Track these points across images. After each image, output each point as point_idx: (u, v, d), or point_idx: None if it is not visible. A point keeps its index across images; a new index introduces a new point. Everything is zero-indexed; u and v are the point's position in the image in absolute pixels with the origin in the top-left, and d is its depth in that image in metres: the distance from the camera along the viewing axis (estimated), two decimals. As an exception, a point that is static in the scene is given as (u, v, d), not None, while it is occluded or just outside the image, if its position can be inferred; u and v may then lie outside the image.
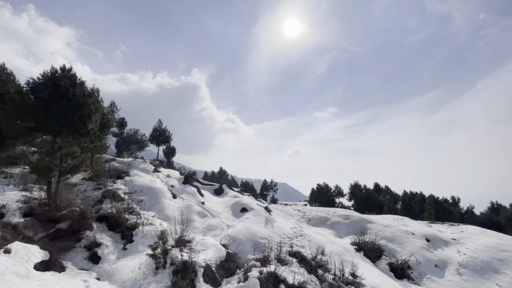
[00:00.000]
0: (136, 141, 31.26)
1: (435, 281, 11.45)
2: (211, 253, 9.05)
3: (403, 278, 11.43)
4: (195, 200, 15.22)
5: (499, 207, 37.34)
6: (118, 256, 8.61)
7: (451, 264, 12.67)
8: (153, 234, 9.69)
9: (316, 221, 17.19)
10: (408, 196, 40.75)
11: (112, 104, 19.93)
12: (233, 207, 15.62)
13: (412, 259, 12.49)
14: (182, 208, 13.27)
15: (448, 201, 37.75)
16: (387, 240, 14.02)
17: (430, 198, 37.00)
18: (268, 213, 15.43)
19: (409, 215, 32.03)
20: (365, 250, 12.71)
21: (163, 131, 31.58)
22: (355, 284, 9.27)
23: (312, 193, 45.90)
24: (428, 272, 12.02)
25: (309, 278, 8.85)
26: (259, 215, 14.44)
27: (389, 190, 45.30)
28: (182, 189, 16.61)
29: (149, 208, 12.26)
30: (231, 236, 11.23)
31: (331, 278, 9.34)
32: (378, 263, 12.05)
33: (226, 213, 14.84)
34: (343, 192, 44.83)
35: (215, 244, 9.72)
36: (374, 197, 42.37)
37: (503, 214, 35.32)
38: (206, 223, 12.73)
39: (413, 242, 14.18)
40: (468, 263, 12.47)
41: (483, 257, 12.81)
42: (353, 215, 17.57)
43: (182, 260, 7.97)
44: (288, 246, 11.42)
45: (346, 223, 16.54)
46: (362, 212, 30.59)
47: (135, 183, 14.47)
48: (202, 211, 13.86)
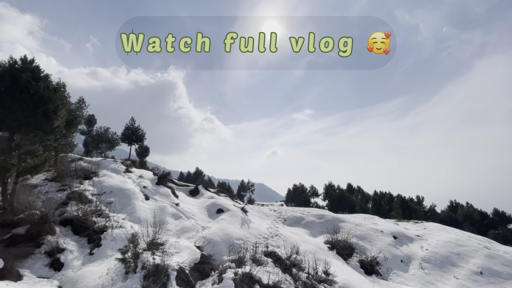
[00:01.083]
0: (106, 139, 29.68)
1: (400, 276, 12.16)
2: (185, 256, 8.83)
3: (372, 274, 11.99)
4: (169, 202, 14.78)
5: (457, 205, 40.59)
6: (83, 262, 8.10)
7: (415, 259, 13.54)
8: (124, 238, 9.25)
9: (291, 221, 17.48)
10: (378, 196, 42.91)
11: (81, 99, 18.73)
12: (209, 208, 15.39)
13: (381, 256, 13.16)
14: (155, 210, 12.82)
15: (413, 200, 40.33)
16: (358, 238, 14.64)
17: (398, 197, 39.28)
18: (244, 214, 15.40)
19: (379, 214, 33.75)
20: (337, 248, 13.15)
21: (136, 129, 30.28)
22: (327, 281, 9.55)
23: (288, 193, 46.68)
24: (395, 267, 12.73)
25: (284, 278, 8.96)
26: (235, 216, 14.37)
27: (361, 190, 47.41)
28: (156, 190, 16.04)
29: (119, 210, 11.69)
30: (206, 237, 11.05)
31: (305, 276, 9.53)
32: (350, 261, 12.53)
33: (202, 214, 14.58)
34: (318, 192, 46.11)
35: (189, 246, 9.50)
36: (347, 197, 44.08)
37: (460, 212, 38.47)
38: (181, 225, 12.40)
39: (382, 239, 14.94)
40: (429, 258, 13.40)
41: (443, 251, 13.85)
42: (327, 215, 18.12)
43: (154, 264, 7.69)
44: (263, 246, 11.48)
45: (320, 223, 17.00)
46: (335, 211, 31.68)
47: (105, 184, 13.72)
48: (177, 213, 13.49)
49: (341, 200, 43.46)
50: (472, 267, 12.59)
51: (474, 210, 37.86)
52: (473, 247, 14.20)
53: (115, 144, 30.58)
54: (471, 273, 12.15)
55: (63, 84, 13.40)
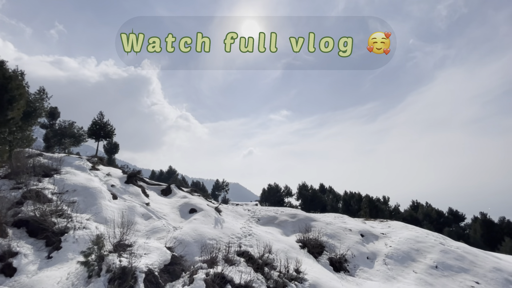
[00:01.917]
0: (71, 134, 27.65)
1: (366, 272, 12.81)
2: (155, 257, 8.52)
3: (340, 271, 12.50)
4: (139, 201, 14.17)
5: (418, 205, 43.78)
6: (40, 266, 7.46)
7: (379, 255, 14.34)
8: (87, 239, 8.69)
9: (265, 220, 17.64)
10: (348, 196, 44.85)
11: (42, 90, 17.20)
12: (181, 208, 15.00)
13: (349, 253, 13.76)
14: (124, 210, 12.21)
15: (380, 200, 42.75)
16: (329, 237, 15.18)
17: (366, 197, 41.38)
18: (218, 214, 15.24)
19: (348, 213, 35.28)
20: (309, 246, 13.52)
21: (104, 125, 28.58)
22: (298, 279, 9.77)
23: (263, 193, 47.09)
24: (361, 264, 13.38)
25: (256, 277, 9.01)
26: (209, 215, 14.16)
27: (333, 190, 49.25)
28: (125, 189, 15.28)
29: (83, 210, 10.95)
30: (178, 238, 10.76)
31: (277, 275, 9.67)
32: (320, 258, 12.94)
33: (174, 214, 14.16)
34: (291, 192, 47.07)
35: (160, 247, 9.18)
36: (319, 197, 45.53)
37: (420, 211, 41.54)
38: (151, 225, 11.94)
39: (350, 237, 15.63)
40: (392, 254, 14.29)
41: (404, 248, 14.84)
42: (300, 214, 18.55)
43: (120, 266, 7.31)
44: (236, 246, 11.46)
45: (293, 222, 17.35)
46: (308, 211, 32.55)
47: (67, 182, 12.79)
48: (147, 213, 12.97)
49: (313, 200, 44.79)
50: (429, 261, 13.64)
51: (432, 209, 41.10)
52: (430, 243, 15.39)
53: (80, 139, 28.60)
54: (428, 267, 13.16)
55: (21, 72, 12.25)
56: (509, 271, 13.53)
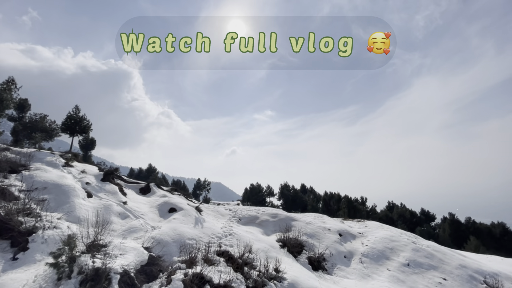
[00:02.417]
0: (42, 128, 26.05)
1: (343, 270, 13.18)
2: (131, 258, 8.24)
3: (318, 269, 12.77)
4: (116, 200, 13.64)
5: (394, 206, 45.74)
6: (4, 269, 6.96)
7: (356, 254, 14.81)
8: (58, 240, 8.22)
9: (246, 220, 17.63)
10: (328, 196, 45.96)
11: (10, 80, 16.06)
12: (160, 207, 14.62)
13: (327, 252, 14.09)
14: (99, 209, 11.70)
15: (358, 201, 44.19)
16: (308, 236, 15.45)
17: (345, 198, 42.61)
18: (198, 213, 15.02)
19: (328, 213, 36.12)
20: (288, 246, 13.68)
21: (80, 119, 27.21)
22: (277, 278, 9.86)
23: (245, 192, 47.08)
24: (339, 263, 13.75)
25: (235, 276, 8.98)
26: (189, 215, 13.92)
27: (313, 191, 50.25)
28: (100, 187, 14.65)
29: (54, 209, 10.36)
30: (156, 238, 10.48)
31: (256, 274, 9.69)
32: (299, 258, 13.14)
33: (152, 213, 13.78)
34: (273, 192, 47.44)
35: (136, 248, 8.90)
36: (300, 197, 46.26)
37: (395, 211, 43.42)
38: (128, 225, 11.54)
39: (329, 237, 16.01)
40: (368, 253, 14.81)
41: (379, 247, 15.44)
42: (281, 214, 18.72)
43: (93, 268, 7.00)
44: (216, 246, 11.36)
45: (274, 221, 17.48)
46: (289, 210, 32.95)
47: (37, 179, 12.05)
48: (124, 212, 12.51)
49: (294, 199, 45.43)
50: (401, 259, 14.29)
51: (406, 210, 43.10)
52: (403, 242, 16.13)
53: (53, 134, 27.02)
54: (400, 265, 13.78)
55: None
56: (473, 268, 14.49)
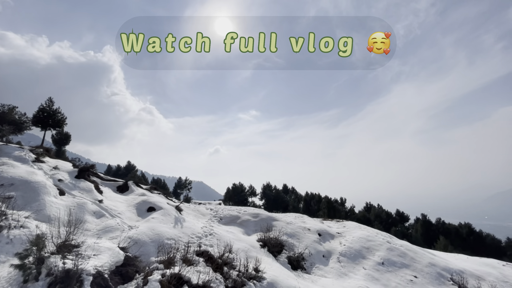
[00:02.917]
0: (11, 120, 24.39)
1: (321, 269, 13.47)
2: (105, 258, 7.92)
3: (297, 269, 12.95)
4: (91, 198, 13.06)
5: (371, 206, 47.38)
6: (-38, 271, 6.44)
7: (334, 253, 15.19)
8: (25, 240, 7.73)
9: (227, 219, 17.53)
10: (309, 197, 46.77)
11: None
12: (138, 206, 14.18)
13: (306, 252, 14.33)
14: (72, 207, 11.15)
15: (337, 201, 45.35)
16: (288, 236, 15.64)
17: (325, 199, 43.57)
18: (178, 213, 14.73)
19: (308, 213, 36.77)
20: (269, 246, 13.76)
21: (54, 112, 25.77)
22: (257, 278, 9.88)
23: (227, 192, 46.81)
24: (317, 262, 14.03)
25: (214, 276, 8.90)
26: (168, 214, 13.62)
27: (295, 191, 50.93)
28: (74, 185, 13.96)
29: (22, 207, 9.73)
30: (133, 238, 10.16)
31: (236, 274, 9.66)
32: (279, 257, 13.26)
33: (130, 212, 13.33)
34: (256, 192, 47.53)
35: (112, 248, 8.57)
36: (282, 197, 46.71)
37: (372, 212, 45.01)
38: (103, 224, 11.08)
39: (309, 236, 16.30)
40: (346, 252, 15.24)
41: (356, 246, 15.94)
42: (262, 214, 18.81)
43: (64, 269, 6.65)
44: (196, 246, 11.20)
45: (255, 221, 17.53)
46: (270, 210, 33.18)
47: (3, 175, 11.30)
48: (99, 211, 12.00)
49: (276, 200, 45.80)
50: (376, 258, 14.83)
51: (382, 211, 44.79)
52: (379, 242, 16.75)
53: (23, 127, 25.36)
54: (376, 264, 14.31)
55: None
56: (441, 266, 15.33)
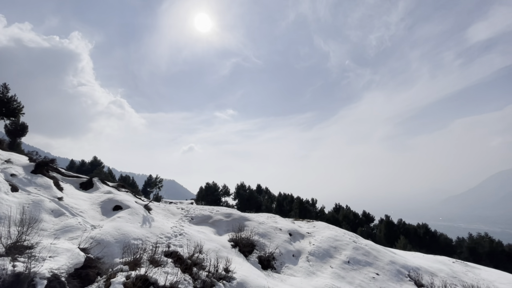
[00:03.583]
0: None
1: (291, 268, 13.74)
2: (63, 260, 7.35)
3: (268, 268, 13.08)
4: (49, 195, 12.05)
5: (340, 207, 49.41)
6: None
7: (303, 253, 15.59)
8: (-33, 240, 6.91)
9: (199, 219, 17.21)
10: (281, 197, 47.54)
11: None
12: (103, 205, 13.37)
13: (277, 251, 14.53)
14: (26, 205, 10.19)
15: (309, 202, 46.65)
16: (260, 236, 15.74)
17: (297, 199, 44.58)
18: (147, 212, 14.15)
19: (281, 214, 37.36)
20: (240, 245, 13.74)
21: (8, 100, 23.40)
22: (227, 278, 9.80)
23: (200, 191, 46.00)
24: (287, 261, 14.29)
25: (182, 277, 8.66)
26: (136, 214, 13.01)
27: (268, 191, 51.47)
28: (30, 180, 12.80)
29: (-35, 204, 8.71)
30: (96, 238, 9.55)
31: (205, 275, 9.50)
32: (250, 257, 13.29)
33: (94, 211, 12.52)
34: (229, 192, 47.26)
35: (71, 249, 7.97)
36: (255, 197, 46.93)
37: (341, 213, 46.96)
38: (62, 223, 10.28)
39: (280, 236, 16.55)
40: (314, 251, 15.71)
41: (325, 246, 16.51)
42: (235, 213, 18.73)
43: (13, 273, 6.05)
44: (165, 246, 10.83)
45: (227, 221, 17.40)
46: (243, 210, 33.20)
47: None
48: (58, 209, 11.11)
49: (250, 200, 45.92)
50: (343, 257, 15.48)
51: (350, 212, 46.91)
52: (346, 242, 17.51)
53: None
54: (342, 263, 14.93)
55: None
56: (400, 263, 16.43)
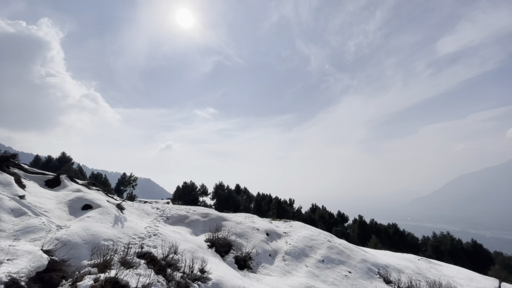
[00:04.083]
0: None
1: (267, 268, 13.84)
2: (23, 263, 6.83)
3: (244, 268, 13.07)
4: (9, 193, 11.13)
5: (316, 208, 50.63)
6: None
7: (280, 252, 15.77)
8: None
9: (175, 219, 16.79)
10: (260, 197, 47.77)
11: None
12: (71, 204, 12.60)
13: (254, 251, 14.57)
14: (-18, 203, 9.34)
15: (286, 202, 47.30)
16: (237, 236, 15.69)
17: (275, 199, 45.03)
18: (119, 211, 13.55)
19: (259, 214, 37.54)
20: (217, 246, 13.60)
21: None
22: (202, 279, 9.65)
23: (177, 191, 44.97)
24: (264, 261, 14.38)
25: (156, 279, 8.39)
26: (107, 213, 12.41)
27: (247, 191, 51.49)
28: (-12, 177, 11.75)
29: None
30: (62, 239, 8.98)
31: (180, 276, 9.28)
32: (226, 257, 13.20)
33: (60, 210, 11.76)
34: (207, 191, 46.65)
35: (33, 251, 7.43)
36: (234, 197, 46.75)
37: (317, 213, 48.15)
38: (23, 223, 9.54)
39: (257, 236, 16.61)
40: (290, 251, 15.96)
41: (300, 245, 16.83)
42: (212, 213, 18.51)
43: (-37, 278, 5.52)
44: (138, 247, 10.43)
45: (204, 221, 17.15)
46: (221, 210, 32.93)
47: None
48: (19, 208, 10.30)
49: (228, 199, 45.65)
50: (318, 256, 15.88)
51: (326, 212, 48.24)
52: (321, 241, 17.98)
53: None
54: (317, 261, 15.30)
55: None
56: (371, 261, 17.17)
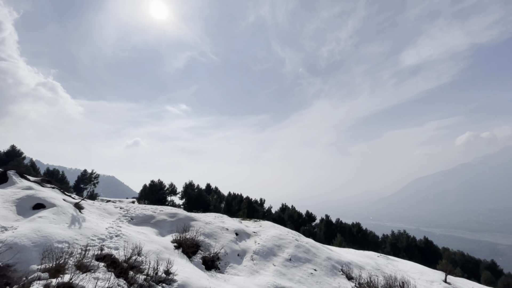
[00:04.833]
0: None
1: (235, 268, 13.79)
2: (-43, 270, 6.01)
3: (212, 269, 12.88)
4: None
5: (286, 207, 51.67)
6: None
7: (248, 252, 15.81)
8: None
9: (140, 219, 16.01)
10: (231, 197, 47.48)
11: None
12: (20, 203, 11.39)
13: (222, 251, 14.43)
14: None
15: (257, 202, 47.61)
16: (205, 236, 15.42)
17: (246, 199, 45.11)
18: (77, 211, 12.56)
19: (229, 213, 37.30)
20: (184, 246, 13.23)
21: None
22: (167, 281, 9.31)
23: (144, 189, 43.00)
24: (232, 261, 14.30)
25: (116, 283, 7.92)
26: (63, 213, 11.43)
27: (218, 191, 50.89)
28: None
29: None
30: (7, 242, 8.08)
31: (143, 278, 8.86)
32: (194, 258, 12.90)
33: (6, 210, 10.56)
34: (176, 191, 45.19)
35: (-31, 256, 6.57)
36: (204, 197, 45.90)
37: (287, 213, 49.16)
38: (-41, 225, 8.42)
39: (226, 236, 16.48)
40: (259, 250, 16.08)
41: (269, 245, 17.04)
42: (180, 213, 17.98)
43: None
44: (97, 249, 9.75)
45: (171, 221, 16.60)
46: (190, 210, 32.10)
47: None
48: (-45, 207, 9.07)
49: (198, 199, 44.70)
50: (285, 255, 16.20)
51: (295, 212, 49.45)
52: (289, 240, 18.37)
53: None
54: (284, 260, 15.61)
55: None
56: (335, 259, 17.95)
